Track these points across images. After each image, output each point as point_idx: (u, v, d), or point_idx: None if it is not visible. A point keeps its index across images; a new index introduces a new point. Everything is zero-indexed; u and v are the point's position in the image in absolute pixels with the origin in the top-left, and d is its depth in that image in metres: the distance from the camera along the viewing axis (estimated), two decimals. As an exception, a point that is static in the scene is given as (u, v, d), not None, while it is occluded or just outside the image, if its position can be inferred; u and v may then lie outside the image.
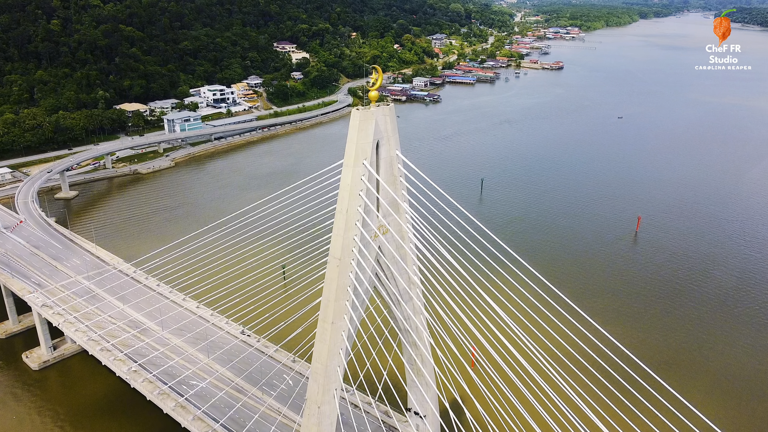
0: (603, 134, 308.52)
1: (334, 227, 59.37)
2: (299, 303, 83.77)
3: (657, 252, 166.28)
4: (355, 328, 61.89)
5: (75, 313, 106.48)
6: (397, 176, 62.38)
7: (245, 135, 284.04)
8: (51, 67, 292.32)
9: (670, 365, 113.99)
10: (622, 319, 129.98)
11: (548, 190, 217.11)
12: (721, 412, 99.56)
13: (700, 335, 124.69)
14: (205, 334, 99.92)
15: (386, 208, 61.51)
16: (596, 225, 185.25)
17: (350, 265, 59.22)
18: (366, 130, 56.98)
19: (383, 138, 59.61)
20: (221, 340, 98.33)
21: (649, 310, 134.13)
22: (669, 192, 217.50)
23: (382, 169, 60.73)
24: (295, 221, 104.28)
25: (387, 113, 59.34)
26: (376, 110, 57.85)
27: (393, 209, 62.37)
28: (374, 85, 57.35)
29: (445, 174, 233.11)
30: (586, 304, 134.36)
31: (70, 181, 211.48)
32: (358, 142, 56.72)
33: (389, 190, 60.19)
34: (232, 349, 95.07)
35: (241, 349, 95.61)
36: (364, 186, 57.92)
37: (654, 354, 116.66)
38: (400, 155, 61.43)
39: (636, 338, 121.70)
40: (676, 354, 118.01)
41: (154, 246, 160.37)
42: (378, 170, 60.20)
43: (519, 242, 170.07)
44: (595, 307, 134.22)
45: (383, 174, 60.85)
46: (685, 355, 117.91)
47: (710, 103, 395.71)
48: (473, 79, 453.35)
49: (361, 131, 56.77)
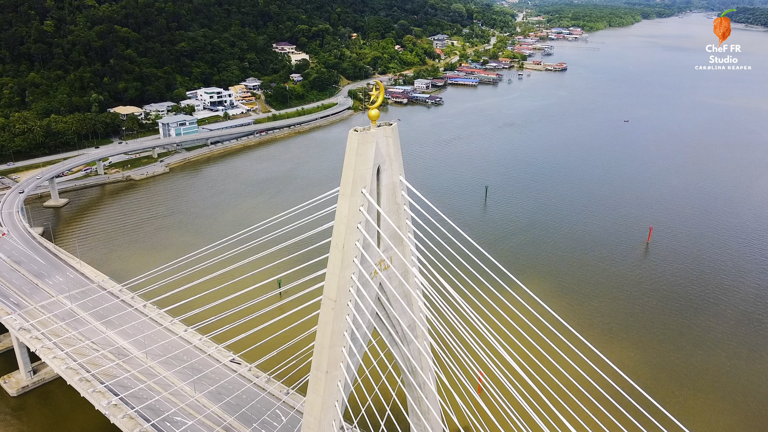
0: (609, 138, 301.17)
1: (328, 264, 52.27)
2: (296, 328, 76.24)
3: (670, 265, 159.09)
4: (352, 377, 54.83)
5: (55, 338, 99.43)
6: (400, 204, 55.30)
7: (242, 139, 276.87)
8: (44, 69, 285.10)
9: (688, 389, 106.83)
10: (636, 338, 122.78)
11: (554, 197, 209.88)
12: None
13: (719, 357, 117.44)
14: (193, 361, 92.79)
15: (388, 241, 54.35)
16: (605, 235, 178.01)
17: (347, 307, 52.17)
18: (365, 155, 49.86)
19: (385, 162, 52.52)
20: (210, 370, 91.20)
21: (663, 329, 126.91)
22: (680, 199, 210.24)
23: (384, 197, 53.65)
24: (293, 235, 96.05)
25: (389, 134, 52.21)
26: (377, 131, 50.74)
27: (396, 241, 55.26)
28: (374, 103, 50.21)
29: (447, 181, 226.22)
30: (597, 321, 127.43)
31: (60, 188, 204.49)
32: (356, 168, 49.62)
33: (391, 222, 53.02)
34: (222, 381, 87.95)
35: (231, 381, 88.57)
36: (363, 217, 50.84)
37: (670, 377, 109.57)
38: (403, 181, 54.34)
39: (651, 361, 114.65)
40: (695, 379, 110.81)
41: (143, 259, 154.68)
42: (379, 199, 53.11)
43: (525, 254, 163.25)
44: (606, 326, 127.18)
45: (385, 203, 53.77)
46: (704, 379, 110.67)
47: (717, 105, 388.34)
48: (475, 81, 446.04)
49: (360, 156, 49.64)
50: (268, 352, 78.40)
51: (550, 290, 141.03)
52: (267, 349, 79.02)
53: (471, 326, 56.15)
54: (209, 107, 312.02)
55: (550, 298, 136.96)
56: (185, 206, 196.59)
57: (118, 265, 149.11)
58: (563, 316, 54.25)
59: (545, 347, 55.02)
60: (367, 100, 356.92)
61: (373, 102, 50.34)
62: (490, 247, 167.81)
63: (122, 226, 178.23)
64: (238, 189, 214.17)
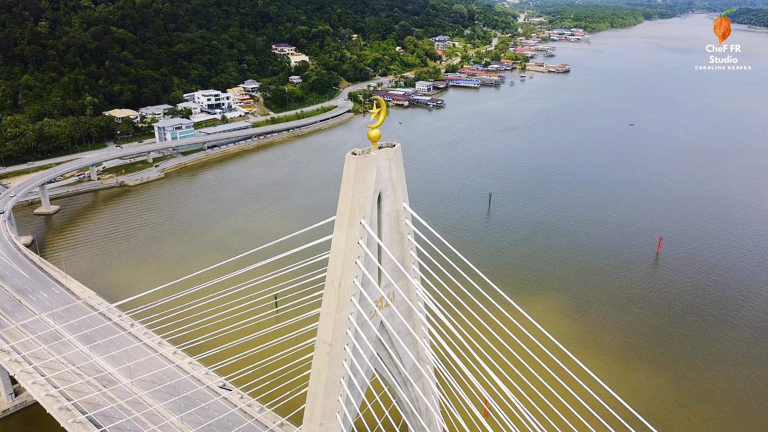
0: (615, 143, 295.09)
1: (323, 304, 46.40)
2: (293, 353, 70.12)
3: (681, 276, 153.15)
4: (349, 428, 48.87)
5: (36, 362, 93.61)
6: (404, 234, 49.40)
7: (240, 143, 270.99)
8: (38, 71, 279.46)
9: (707, 414, 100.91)
10: (650, 358, 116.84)
11: (559, 204, 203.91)
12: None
13: (740, 382, 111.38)
14: (181, 387, 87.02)
15: (389, 277, 48.49)
16: (613, 245, 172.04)
17: (344, 352, 46.31)
18: (364, 181, 43.99)
19: (387, 188, 46.64)
20: (201, 398, 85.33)
21: (675, 347, 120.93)
22: (690, 207, 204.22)
23: (386, 226, 47.78)
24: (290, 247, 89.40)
25: (392, 157, 46.34)
26: (378, 154, 44.89)
27: (399, 275, 49.39)
28: (375, 122, 44.37)
29: (450, 187, 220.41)
30: (607, 338, 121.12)
31: (52, 194, 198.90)
32: (354, 196, 43.75)
33: (392, 257, 47.13)
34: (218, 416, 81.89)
35: (222, 410, 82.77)
36: (362, 251, 44.95)
37: (686, 399, 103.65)
38: (407, 209, 48.42)
39: (666, 384, 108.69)
40: (714, 404, 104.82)
41: (133, 271, 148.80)
42: (380, 229, 47.25)
43: (530, 265, 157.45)
44: (617, 344, 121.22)
45: (387, 233, 47.91)
46: (726, 405, 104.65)
47: (723, 108, 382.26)
48: (477, 83, 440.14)
49: (359, 182, 43.77)
50: (263, 374, 72.35)
51: (558, 305, 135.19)
52: (262, 372, 73.00)
53: (476, 350, 51.15)
54: (207, 110, 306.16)
55: (558, 313, 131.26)
56: (179, 213, 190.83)
57: (108, 277, 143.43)
58: (573, 333, 48.97)
59: (554, 368, 49.56)
60: (368, 104, 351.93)
61: (374, 120, 44.48)
62: (494, 256, 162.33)
63: (113, 235, 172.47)
64: (234, 195, 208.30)
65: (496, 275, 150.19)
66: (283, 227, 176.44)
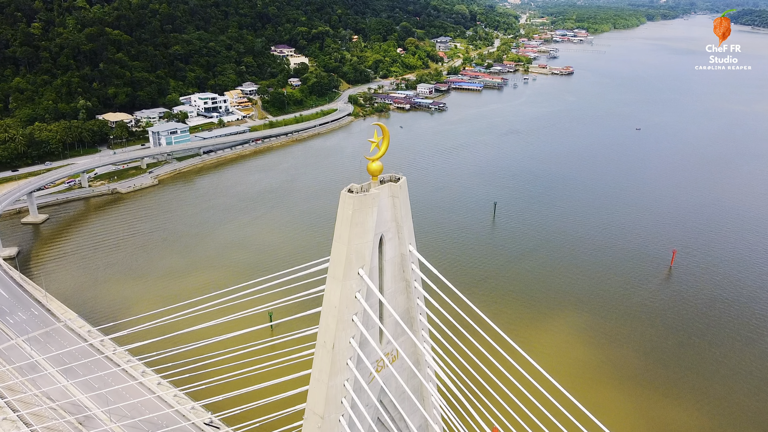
0: (622, 148, 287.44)
1: (313, 369, 39.10)
2: (289, 383, 62.60)
3: (696, 292, 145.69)
4: None
5: (10, 396, 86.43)
6: (410, 281, 42.02)
7: (237, 148, 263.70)
8: (29, 73, 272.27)
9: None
10: (677, 388, 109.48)
11: (566, 213, 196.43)
12: None
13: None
14: (164, 424, 79.83)
15: (392, 331, 41.18)
16: (624, 257, 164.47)
17: (339, 425, 38.93)
18: (363, 225, 36.63)
19: (390, 230, 39.28)
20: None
21: (694, 375, 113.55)
22: (703, 218, 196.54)
23: (388, 274, 40.43)
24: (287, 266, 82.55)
25: (397, 193, 38.99)
26: (380, 191, 37.52)
27: (401, 330, 42.05)
28: (376, 152, 37.06)
29: (453, 195, 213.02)
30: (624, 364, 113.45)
31: (40, 203, 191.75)
32: (350, 242, 36.40)
33: (393, 312, 39.76)
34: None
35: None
36: (360, 307, 37.62)
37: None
38: (414, 252, 41.08)
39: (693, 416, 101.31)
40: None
41: (119, 287, 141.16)
42: (381, 278, 39.92)
43: (538, 280, 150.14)
44: (634, 370, 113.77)
45: (389, 282, 40.56)
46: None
47: (732, 111, 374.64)
48: (480, 85, 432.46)
49: (356, 226, 36.41)
50: (255, 410, 64.74)
51: (572, 325, 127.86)
52: (254, 410, 65.39)
53: (490, 412, 44.26)
54: (203, 113, 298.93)
55: (573, 336, 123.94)
56: (171, 223, 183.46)
57: (92, 293, 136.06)
58: (592, 361, 40.98)
59: (567, 405, 42.57)
60: (369, 107, 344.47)
61: (374, 152, 37.17)
62: (500, 270, 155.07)
63: (102, 246, 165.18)
64: (229, 203, 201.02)
65: (503, 291, 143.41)
66: (280, 239, 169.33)
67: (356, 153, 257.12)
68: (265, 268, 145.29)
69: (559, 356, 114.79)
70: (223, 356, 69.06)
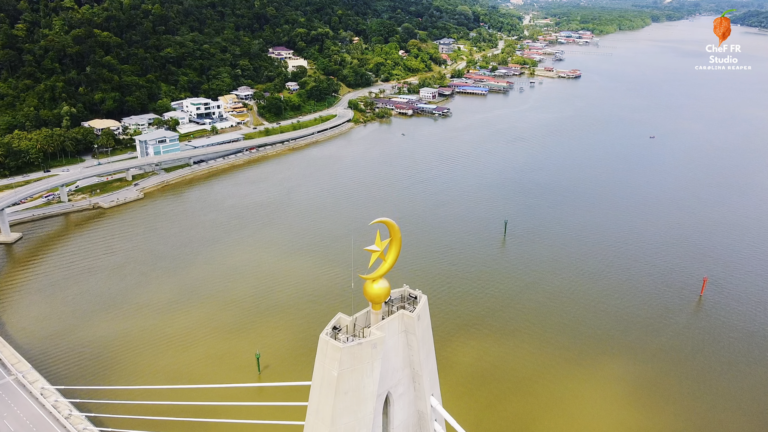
0: (636, 158, 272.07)
1: None
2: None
3: (730, 326, 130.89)
4: None
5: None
6: (428, 446, 27.08)
7: (230, 158, 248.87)
8: (11, 78, 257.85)
9: None
10: None
11: (581, 233, 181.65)
12: None
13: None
14: None
15: None
16: (648, 284, 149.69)
17: None
18: (357, 393, 21.82)
19: (401, 383, 24.46)
20: None
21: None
22: (736, 240, 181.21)
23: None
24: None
25: (412, 327, 24.12)
26: (385, 329, 22.63)
27: None
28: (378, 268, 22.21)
29: (458, 212, 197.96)
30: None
31: (14, 219, 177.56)
32: (335, 423, 21.45)
33: None
34: None
35: None
36: None
37: None
38: (438, 408, 26.19)
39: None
40: None
41: (87, 321, 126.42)
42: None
43: (554, 311, 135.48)
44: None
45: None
46: None
47: (749, 117, 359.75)
48: (485, 89, 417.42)
49: (345, 395, 21.54)
50: None
51: (605, 375, 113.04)
52: None
53: None
54: (195, 120, 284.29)
55: (608, 390, 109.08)
56: (151, 244, 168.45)
57: (56, 327, 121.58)
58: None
59: None
60: (369, 112, 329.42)
61: (375, 265, 22.32)
62: (513, 299, 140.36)
63: (75, 270, 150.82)
64: (218, 220, 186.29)
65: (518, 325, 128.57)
66: (270, 263, 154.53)
67: (356, 163, 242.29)
68: (255, 311, 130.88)
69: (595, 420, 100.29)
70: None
